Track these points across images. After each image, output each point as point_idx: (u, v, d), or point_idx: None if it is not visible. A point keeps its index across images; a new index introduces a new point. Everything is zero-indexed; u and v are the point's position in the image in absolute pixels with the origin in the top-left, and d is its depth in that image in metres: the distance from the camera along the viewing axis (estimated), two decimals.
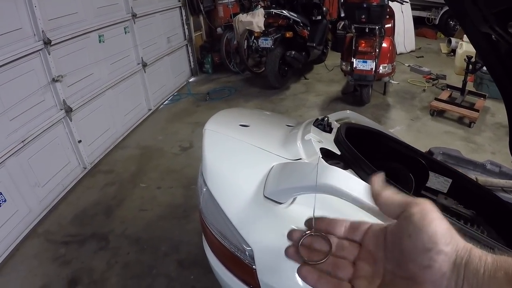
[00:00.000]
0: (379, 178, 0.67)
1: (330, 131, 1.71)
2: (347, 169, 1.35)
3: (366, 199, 0.99)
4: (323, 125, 1.74)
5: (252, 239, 1.23)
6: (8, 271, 3.36)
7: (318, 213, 1.12)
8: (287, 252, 0.70)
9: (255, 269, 1.21)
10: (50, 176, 4.13)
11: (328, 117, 1.80)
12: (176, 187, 4.29)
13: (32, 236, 3.76)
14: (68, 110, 4.30)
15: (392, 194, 0.62)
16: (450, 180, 1.79)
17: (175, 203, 4.03)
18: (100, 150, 5.08)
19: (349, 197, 0.96)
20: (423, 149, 3.28)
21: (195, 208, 3.85)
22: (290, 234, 0.71)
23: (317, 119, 1.80)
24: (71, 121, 4.39)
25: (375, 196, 0.65)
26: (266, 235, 1.23)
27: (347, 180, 1.00)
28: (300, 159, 1.46)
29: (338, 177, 1.01)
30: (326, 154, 1.47)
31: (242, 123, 1.79)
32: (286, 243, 1.19)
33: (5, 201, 3.52)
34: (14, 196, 3.63)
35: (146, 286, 3.06)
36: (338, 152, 1.50)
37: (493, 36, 1.26)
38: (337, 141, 1.57)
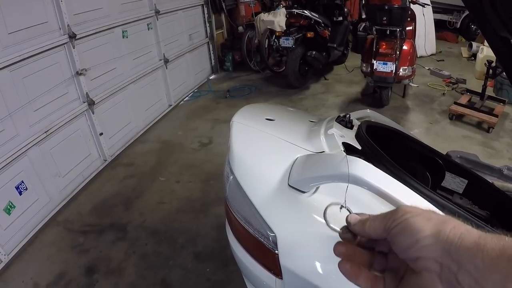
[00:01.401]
0: (352, 217, 0.70)
1: (351, 128, 1.74)
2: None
3: (388, 190, 1.03)
4: (345, 122, 1.77)
5: (275, 225, 1.26)
6: (27, 257, 3.44)
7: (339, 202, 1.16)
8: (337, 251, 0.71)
9: (277, 254, 1.24)
10: (71, 166, 4.21)
11: (349, 114, 1.83)
12: (194, 182, 4.34)
13: (52, 224, 3.83)
14: (91, 103, 4.37)
15: (372, 222, 0.65)
16: (466, 181, 1.79)
17: (193, 197, 4.07)
18: (121, 143, 5.16)
19: (375, 188, 1.00)
20: (441, 152, 3.28)
21: (213, 203, 3.91)
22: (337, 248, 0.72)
23: (339, 115, 1.84)
24: (93, 114, 4.46)
25: (360, 230, 0.68)
26: (289, 222, 1.27)
27: (373, 172, 1.05)
28: (323, 152, 1.50)
29: (366, 169, 1.07)
30: (348, 148, 1.50)
31: (267, 117, 1.83)
32: (308, 230, 1.23)
33: (26, 189, 3.60)
34: (35, 185, 3.72)
35: (162, 276, 3.11)
36: (359, 147, 1.53)
37: (511, 40, 1.27)
38: (358, 137, 1.60)
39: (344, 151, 1.46)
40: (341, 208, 0.77)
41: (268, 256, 1.30)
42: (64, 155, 4.08)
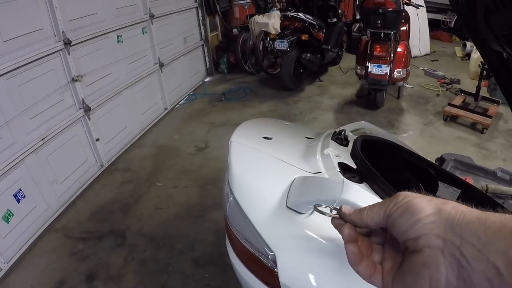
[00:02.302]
0: (346, 208, 0.72)
1: (347, 145, 1.77)
2: (362, 182, 1.42)
3: None
4: (341, 139, 1.80)
5: (274, 244, 1.30)
6: (26, 265, 3.45)
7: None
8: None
9: (277, 272, 1.27)
10: (68, 173, 4.22)
11: (345, 130, 1.85)
12: (191, 187, 4.35)
13: (50, 231, 3.84)
14: (87, 109, 4.38)
15: (371, 211, 0.67)
16: (459, 191, 1.81)
17: (191, 202, 4.08)
18: (117, 148, 5.16)
19: None
20: (435, 155, 3.30)
21: (210, 208, 3.93)
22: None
23: (335, 132, 1.87)
24: (89, 120, 4.47)
25: (357, 220, 0.69)
26: (288, 241, 1.30)
27: (365, 198, 1.09)
28: (320, 172, 1.53)
29: (357, 195, 1.13)
30: (343, 168, 1.53)
31: (265, 136, 1.87)
32: (306, 249, 1.27)
33: (24, 197, 3.60)
34: (33, 192, 3.72)
35: (161, 283, 3.12)
36: (354, 166, 1.56)
37: (504, 54, 1.29)
38: (353, 155, 1.63)
39: (339, 171, 1.49)
40: (331, 210, 0.79)
41: (267, 274, 1.33)
42: (61, 162, 4.09)
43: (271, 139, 1.85)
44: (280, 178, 1.50)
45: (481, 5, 1.18)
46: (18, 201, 3.54)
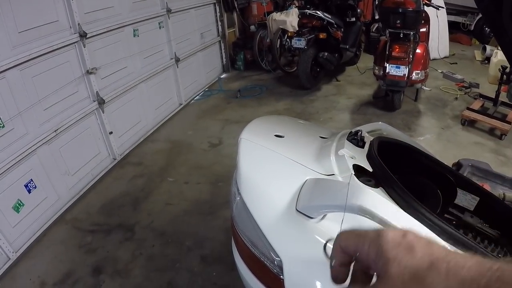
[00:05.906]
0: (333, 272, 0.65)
1: (363, 146, 1.70)
2: (378, 187, 1.34)
3: (393, 221, 1.01)
4: (357, 140, 1.73)
5: (281, 250, 1.24)
6: (34, 255, 3.45)
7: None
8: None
9: (283, 280, 1.22)
10: (80, 165, 4.22)
11: (361, 131, 1.79)
12: (203, 183, 4.32)
13: (60, 222, 3.85)
14: (101, 102, 4.37)
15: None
16: (478, 198, 1.75)
17: (202, 199, 4.05)
18: (130, 142, 5.16)
19: (383, 222, 0.98)
20: (452, 159, 3.23)
21: (221, 205, 3.89)
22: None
23: (351, 132, 1.80)
24: (103, 112, 4.47)
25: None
26: (296, 247, 1.25)
27: (376, 203, 1.04)
28: (333, 174, 1.47)
29: (368, 199, 1.05)
30: (358, 170, 1.47)
31: (277, 133, 1.81)
32: (315, 256, 1.21)
33: (35, 187, 3.61)
34: (44, 183, 3.72)
35: (168, 279, 3.10)
36: (370, 169, 1.50)
37: None
38: (369, 158, 1.56)
39: (354, 174, 1.43)
40: None
41: (273, 280, 1.28)
42: (73, 154, 4.09)
43: (283, 137, 1.80)
44: (290, 179, 1.44)
45: (508, 2, 1.13)
46: (29, 191, 3.54)
